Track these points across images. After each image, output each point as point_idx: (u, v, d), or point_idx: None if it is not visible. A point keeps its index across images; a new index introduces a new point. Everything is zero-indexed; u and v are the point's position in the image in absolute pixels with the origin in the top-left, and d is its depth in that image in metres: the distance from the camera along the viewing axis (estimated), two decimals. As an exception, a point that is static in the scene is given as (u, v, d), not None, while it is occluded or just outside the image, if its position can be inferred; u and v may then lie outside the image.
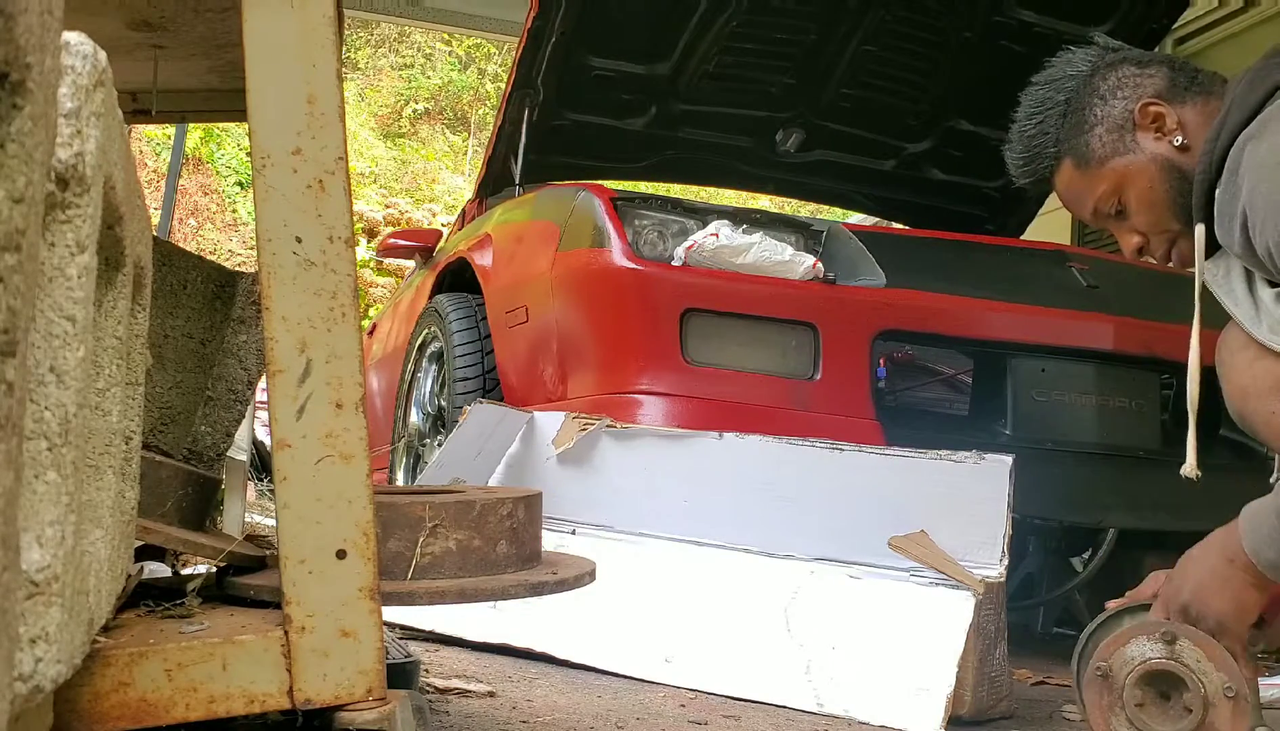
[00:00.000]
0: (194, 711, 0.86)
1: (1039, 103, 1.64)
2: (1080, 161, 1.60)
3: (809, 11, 3.25)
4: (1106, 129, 1.58)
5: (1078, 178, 1.61)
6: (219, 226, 12.77)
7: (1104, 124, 1.58)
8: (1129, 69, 1.60)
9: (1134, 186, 1.57)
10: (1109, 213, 1.61)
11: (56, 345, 0.61)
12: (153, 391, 1.36)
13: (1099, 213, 1.62)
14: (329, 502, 0.90)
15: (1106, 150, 1.58)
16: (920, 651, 1.62)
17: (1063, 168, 1.62)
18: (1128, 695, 1.41)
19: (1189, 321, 1.62)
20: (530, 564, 1.22)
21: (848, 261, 2.48)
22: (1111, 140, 1.58)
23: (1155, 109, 1.55)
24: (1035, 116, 1.63)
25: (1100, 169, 1.58)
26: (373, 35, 16.75)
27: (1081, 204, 1.64)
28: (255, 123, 0.91)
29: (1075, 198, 1.64)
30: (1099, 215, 1.63)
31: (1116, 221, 1.61)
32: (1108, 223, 1.63)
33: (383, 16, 7.87)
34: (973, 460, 1.76)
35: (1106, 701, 1.43)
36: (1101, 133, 1.58)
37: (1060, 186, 1.65)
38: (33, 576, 0.59)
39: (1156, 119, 1.55)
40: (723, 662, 1.74)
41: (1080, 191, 1.62)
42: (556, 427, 2.19)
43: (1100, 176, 1.59)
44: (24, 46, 0.47)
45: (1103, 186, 1.59)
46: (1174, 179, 1.54)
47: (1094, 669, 1.43)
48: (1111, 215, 1.61)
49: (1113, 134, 1.58)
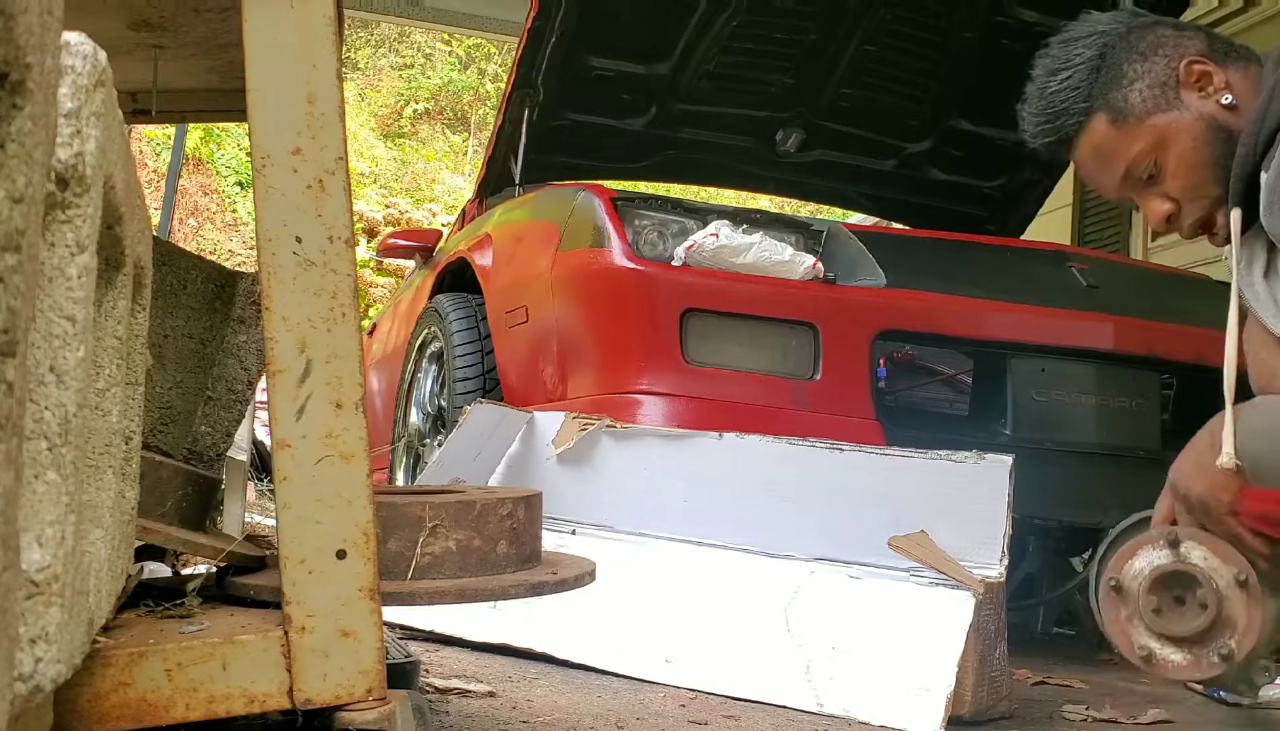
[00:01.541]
0: (194, 711, 0.86)
1: (1065, 59, 1.53)
2: (1117, 116, 1.49)
3: (809, 11, 3.25)
4: (1148, 84, 1.49)
5: (1112, 135, 1.50)
6: (219, 226, 12.77)
7: (1145, 79, 1.49)
8: (1165, 30, 1.52)
9: (1176, 145, 1.48)
10: (1141, 175, 1.51)
11: (56, 345, 0.61)
12: (153, 391, 1.36)
13: (1130, 175, 1.52)
14: (329, 502, 0.90)
15: (1148, 105, 1.48)
16: (920, 651, 1.62)
17: (1093, 124, 1.51)
18: (1143, 603, 1.41)
19: (1189, 321, 1.61)
20: (530, 564, 1.22)
21: (848, 261, 2.49)
22: (1154, 95, 1.48)
23: (1200, 67, 1.47)
24: (1062, 72, 1.52)
25: (1140, 125, 1.48)
26: (373, 35, 16.75)
27: (1111, 165, 1.53)
28: (255, 123, 0.91)
29: (1105, 157, 1.53)
30: (1129, 178, 1.52)
31: (1146, 186, 1.51)
32: (1135, 188, 1.53)
33: (383, 16, 7.87)
34: (973, 460, 1.76)
35: (1125, 614, 1.42)
36: (1142, 87, 1.48)
37: (1088, 145, 1.53)
38: (33, 576, 0.59)
39: (1202, 77, 1.47)
40: (723, 662, 1.74)
41: (1113, 149, 1.51)
42: (556, 427, 2.18)
43: (1139, 132, 1.49)
44: (24, 46, 0.47)
45: (1140, 144, 1.49)
46: (1220, 140, 1.45)
47: (1106, 584, 1.44)
48: (1143, 179, 1.51)
49: (1154, 90, 1.48)
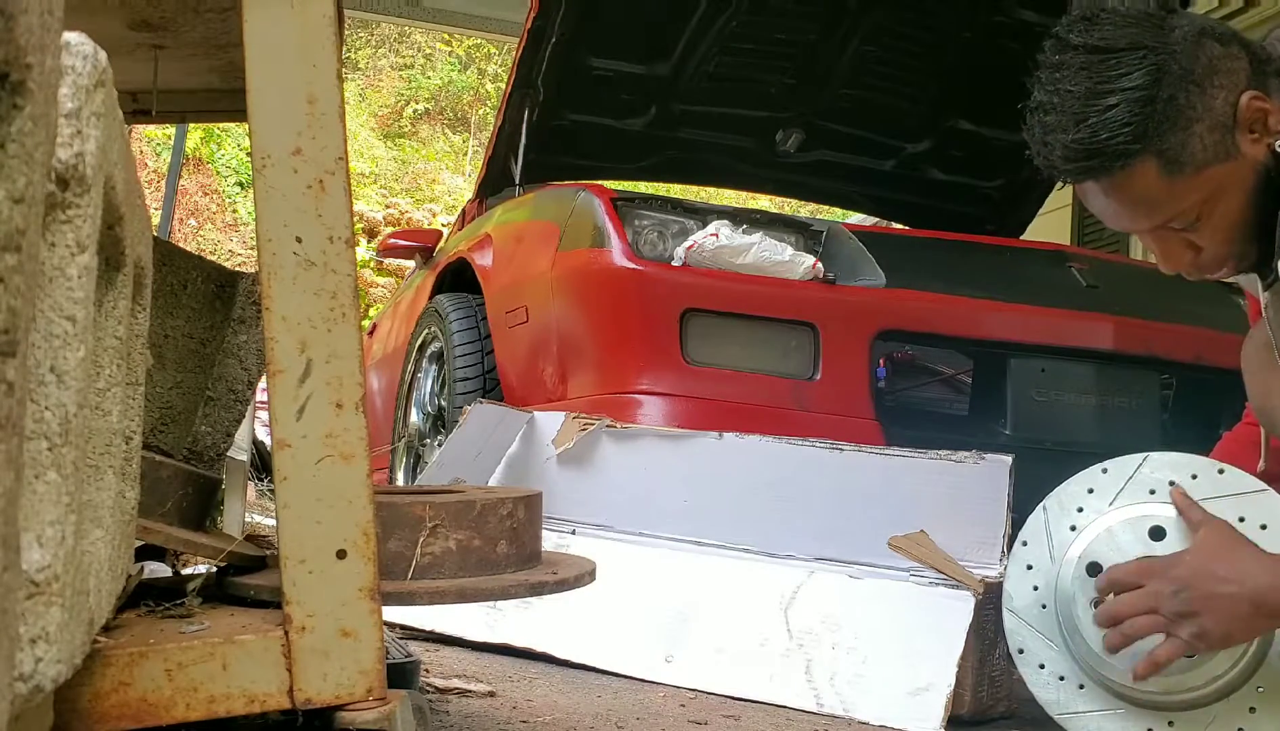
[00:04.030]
0: (194, 711, 0.86)
1: (1109, 80, 1.25)
2: (1171, 166, 1.25)
3: (809, 12, 3.25)
4: (1208, 127, 1.25)
5: (1161, 184, 1.26)
6: (219, 226, 12.77)
7: (1205, 121, 1.25)
8: (1213, 46, 1.27)
9: (1226, 201, 1.27)
10: (1179, 227, 1.30)
11: (57, 345, 0.61)
12: (153, 391, 1.36)
13: (1166, 224, 1.30)
14: (329, 502, 0.90)
15: (1208, 154, 1.25)
16: (920, 651, 1.62)
17: (1140, 169, 1.26)
18: None
19: (1188, 322, 1.57)
20: (530, 564, 1.22)
21: (848, 261, 2.49)
22: (1213, 141, 1.25)
23: (1260, 104, 1.25)
24: (1108, 97, 1.25)
25: (1196, 176, 1.26)
26: (373, 35, 16.75)
27: (1149, 213, 1.30)
28: (255, 123, 0.91)
29: (1145, 205, 1.29)
30: (1163, 226, 1.31)
31: (1175, 232, 1.31)
32: (1161, 233, 1.33)
33: (383, 16, 7.87)
34: (972, 460, 1.75)
35: None
36: (1202, 132, 1.25)
37: (1127, 189, 1.29)
38: (33, 576, 0.59)
39: (1259, 116, 1.25)
40: (723, 662, 1.74)
41: (1158, 199, 1.28)
42: (556, 427, 2.18)
43: (1192, 186, 1.26)
44: (24, 46, 0.47)
45: (1192, 197, 1.27)
46: (1270, 193, 1.26)
47: None
48: (1175, 228, 1.31)
49: (1214, 134, 1.25)
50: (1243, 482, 1.39)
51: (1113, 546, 1.40)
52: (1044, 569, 1.47)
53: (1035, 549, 1.48)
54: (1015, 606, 1.47)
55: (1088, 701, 1.41)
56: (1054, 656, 1.44)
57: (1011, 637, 1.47)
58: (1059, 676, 1.43)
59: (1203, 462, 1.43)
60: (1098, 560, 1.40)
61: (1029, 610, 1.47)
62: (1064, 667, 1.43)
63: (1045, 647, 1.45)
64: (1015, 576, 1.49)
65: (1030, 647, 1.45)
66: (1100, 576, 1.38)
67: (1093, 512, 1.45)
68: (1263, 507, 1.37)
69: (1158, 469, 1.43)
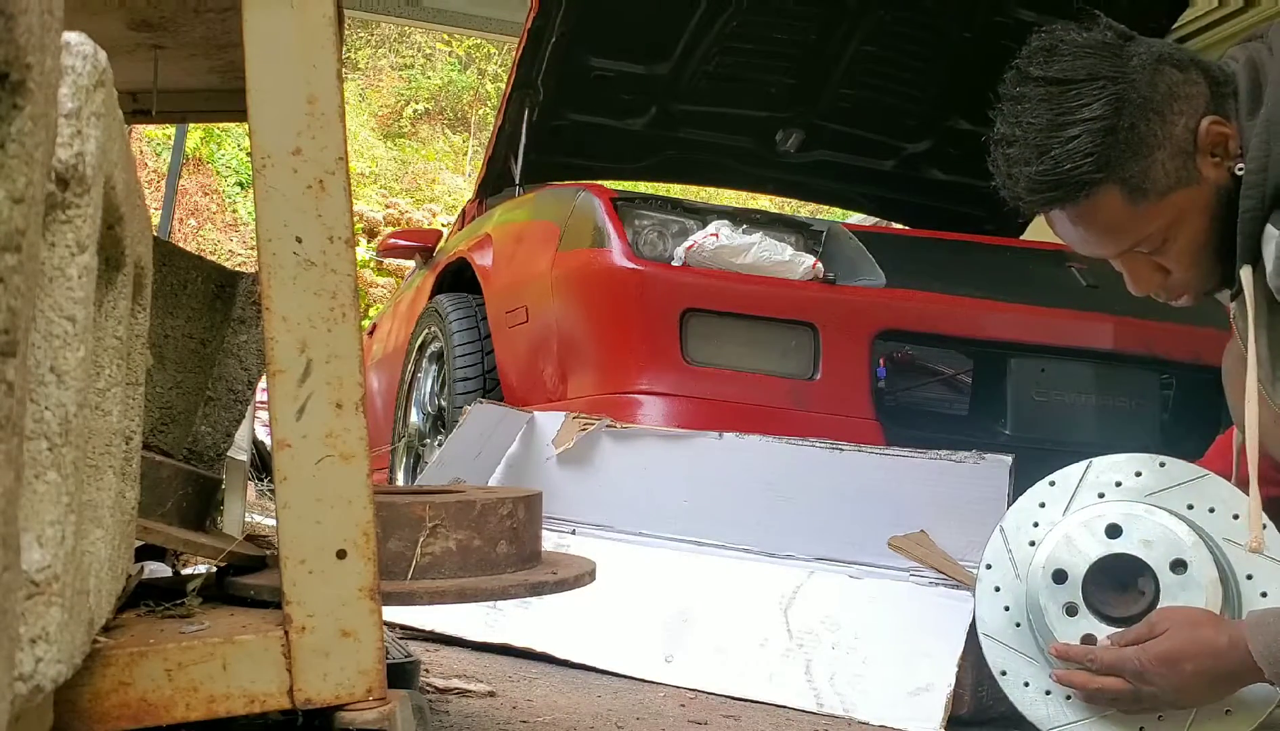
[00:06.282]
0: (194, 711, 0.86)
1: (1070, 111, 1.28)
2: (1134, 193, 1.27)
3: (809, 11, 3.25)
4: (1170, 154, 1.27)
5: (1125, 212, 1.29)
6: (219, 226, 12.77)
7: (1165, 147, 1.27)
8: (1171, 72, 1.29)
9: (1190, 224, 1.29)
10: (1145, 251, 1.32)
11: (57, 345, 0.61)
12: (153, 391, 1.36)
13: (1132, 250, 1.33)
14: (329, 502, 0.90)
15: (1170, 180, 1.27)
16: (920, 651, 1.62)
17: (1104, 197, 1.28)
18: None
19: (1188, 321, 1.57)
20: (530, 564, 1.22)
21: (848, 261, 2.49)
22: (1175, 167, 1.27)
23: (1220, 129, 1.27)
24: (1069, 129, 1.27)
25: (1159, 203, 1.28)
26: (373, 35, 16.75)
27: (1114, 239, 1.33)
28: (255, 123, 0.91)
29: (1110, 232, 1.32)
30: (1129, 252, 1.34)
31: (1142, 255, 1.34)
32: (1128, 257, 1.35)
33: (383, 16, 7.87)
34: (972, 460, 1.76)
35: None
36: (1164, 159, 1.27)
37: (1091, 217, 1.31)
38: (33, 576, 0.59)
39: (1219, 140, 1.27)
40: (723, 662, 1.74)
41: (1122, 226, 1.30)
42: (556, 427, 2.18)
43: (1156, 211, 1.29)
44: (24, 46, 0.47)
45: (1157, 223, 1.29)
46: (1231, 215, 1.27)
47: None
48: (1143, 253, 1.33)
49: (1176, 160, 1.27)
50: (1186, 472, 1.44)
51: (1073, 550, 1.43)
52: (1011, 587, 1.49)
53: (999, 570, 1.51)
54: (990, 629, 1.49)
55: (1076, 710, 1.43)
56: (1036, 672, 1.46)
57: (992, 662, 1.48)
58: (1045, 691, 1.45)
59: (1144, 459, 1.47)
60: (1062, 567, 1.43)
61: (1004, 631, 1.48)
62: (1048, 682, 1.44)
63: (1026, 665, 1.46)
64: (985, 600, 1.51)
65: (1012, 668, 1.47)
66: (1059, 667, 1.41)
67: (1048, 524, 1.48)
68: (1207, 492, 1.41)
69: (1103, 472, 1.48)
